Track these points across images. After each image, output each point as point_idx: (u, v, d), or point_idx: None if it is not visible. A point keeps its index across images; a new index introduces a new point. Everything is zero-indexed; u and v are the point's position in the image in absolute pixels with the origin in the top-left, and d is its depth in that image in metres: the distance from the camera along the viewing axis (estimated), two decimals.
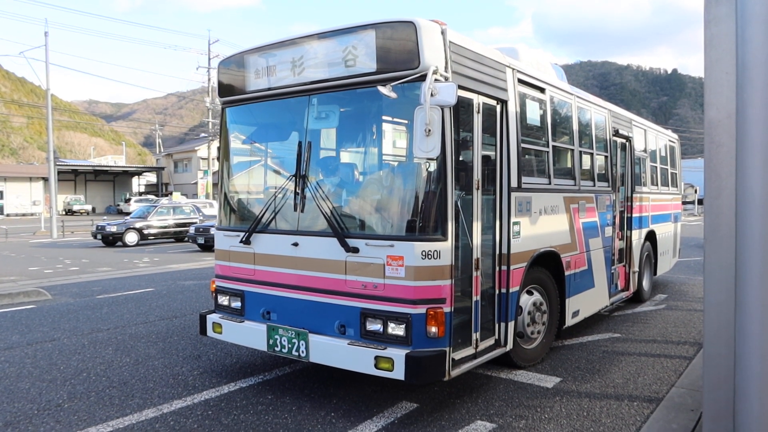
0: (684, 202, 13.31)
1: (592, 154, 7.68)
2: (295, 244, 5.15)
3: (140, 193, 69.09)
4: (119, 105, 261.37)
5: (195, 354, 6.67)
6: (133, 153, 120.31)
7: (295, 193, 5.20)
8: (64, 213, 54.25)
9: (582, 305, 7.18)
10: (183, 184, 64.28)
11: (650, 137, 10.31)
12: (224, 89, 5.97)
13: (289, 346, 5.05)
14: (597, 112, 7.93)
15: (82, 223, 37.09)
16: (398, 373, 4.39)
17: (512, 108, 5.57)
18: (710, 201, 3.09)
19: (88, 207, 59.82)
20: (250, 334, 5.41)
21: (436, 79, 4.33)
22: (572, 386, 5.57)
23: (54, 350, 6.95)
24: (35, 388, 5.57)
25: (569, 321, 6.82)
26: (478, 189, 5.11)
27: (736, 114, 2.89)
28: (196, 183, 51.22)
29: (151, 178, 75.72)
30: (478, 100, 5.13)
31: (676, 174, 12.25)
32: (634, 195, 9.07)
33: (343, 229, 4.88)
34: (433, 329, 4.47)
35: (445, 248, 4.56)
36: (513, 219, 5.52)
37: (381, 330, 4.62)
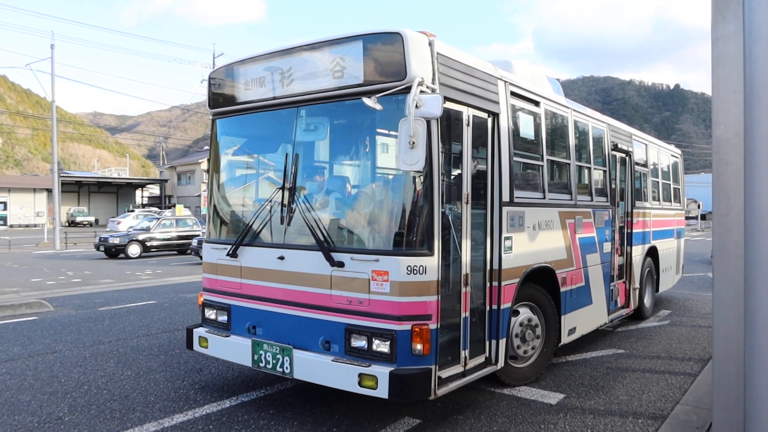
0: (687, 218, 13.19)
1: (589, 169, 7.57)
2: (281, 258, 5.08)
3: (143, 205, 69.17)
4: (123, 117, 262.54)
5: (197, 367, 6.64)
6: (136, 165, 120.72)
7: (282, 206, 5.13)
8: (67, 224, 54.29)
9: (579, 322, 7.04)
10: (186, 197, 64.34)
11: (652, 152, 10.21)
12: (214, 100, 5.93)
13: (274, 362, 4.96)
14: (595, 126, 7.83)
15: (84, 235, 37.12)
16: (382, 391, 4.30)
17: (504, 121, 5.49)
18: (718, 219, 3.06)
19: (91, 218, 59.89)
20: (236, 349, 5.31)
21: (422, 91, 4.26)
22: (576, 402, 5.52)
23: (55, 362, 6.93)
24: (36, 401, 5.54)
25: (565, 339, 6.68)
26: (467, 203, 5.03)
27: (744, 132, 2.87)
28: (199, 195, 51.24)
29: (155, 190, 75.88)
30: (468, 112, 5.05)
31: (679, 189, 12.11)
32: (634, 210, 8.95)
33: (328, 242, 4.80)
34: (418, 346, 4.37)
35: (431, 263, 4.47)
36: (505, 234, 5.42)
37: (366, 347, 4.53)
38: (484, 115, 5.30)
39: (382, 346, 4.46)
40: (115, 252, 23.12)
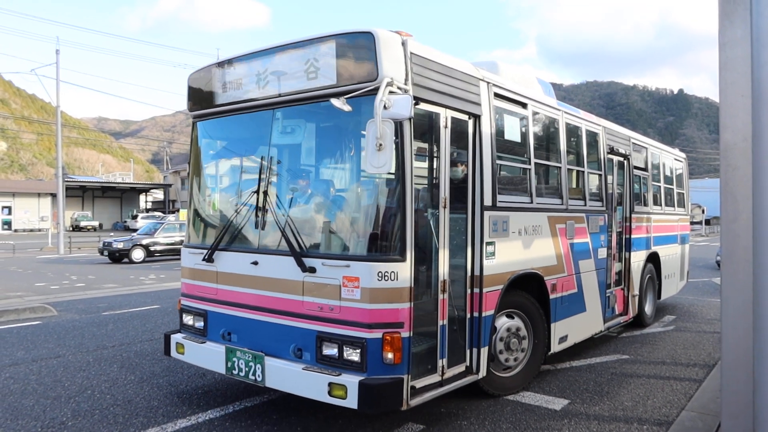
0: (691, 223, 12.94)
1: (583, 172, 7.35)
2: (255, 263, 4.99)
3: (147, 210, 69.31)
4: (128, 122, 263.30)
5: (200, 372, 6.62)
6: (140, 170, 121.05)
7: (256, 210, 5.06)
8: (71, 229, 54.37)
9: (571, 330, 6.85)
10: None
11: (653, 156, 9.97)
12: (193, 102, 5.87)
13: (246, 369, 4.86)
14: (589, 129, 7.60)
15: (89, 239, 37.19)
16: (351, 401, 4.19)
17: (487, 123, 5.35)
18: (727, 225, 3.03)
19: (95, 223, 60.01)
20: (210, 356, 5.22)
21: (391, 92, 4.16)
22: (581, 408, 5.49)
23: (59, 367, 6.92)
24: (39, 406, 5.54)
25: (556, 347, 6.50)
26: (445, 207, 4.88)
27: (752, 137, 2.85)
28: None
29: (159, 195, 76.03)
30: (446, 114, 4.91)
31: (683, 194, 11.85)
32: (633, 215, 8.73)
33: (302, 247, 4.72)
34: (389, 355, 4.25)
35: (403, 269, 4.35)
36: (487, 239, 5.26)
37: (337, 355, 4.42)
38: (465, 116, 5.17)
39: (353, 355, 4.35)
40: (118, 256, 23.15)
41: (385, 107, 4.04)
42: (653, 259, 9.77)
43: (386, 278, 4.30)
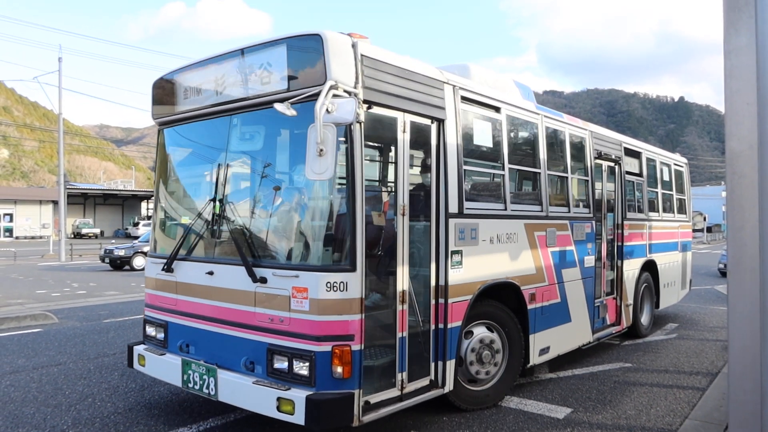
0: (693, 230, 12.65)
1: (566, 178, 7.09)
2: (210, 273, 4.87)
3: (148, 217, 69.34)
4: (129, 129, 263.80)
5: None
6: (142, 177, 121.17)
7: (212, 219, 4.97)
8: (72, 236, 54.43)
9: (554, 341, 6.63)
10: None
11: (649, 160, 9.69)
12: (157, 109, 5.78)
13: (200, 382, 4.74)
14: (573, 134, 7.36)
15: (90, 247, 37.22)
16: (298, 417, 4.04)
17: (452, 127, 5.19)
18: (733, 233, 3.02)
19: (97, 230, 60.06)
20: (169, 369, 5.08)
21: (336, 95, 4.03)
22: (583, 417, 5.46)
23: (60, 375, 6.91)
24: (40, 414, 5.52)
25: (536, 359, 6.27)
26: (404, 215, 4.70)
27: (758, 144, 2.84)
28: None
29: None
30: (404, 118, 4.76)
31: (684, 200, 11.53)
32: (625, 222, 8.49)
33: (256, 256, 4.60)
34: (339, 369, 4.11)
35: (353, 280, 4.19)
36: (452, 248, 5.07)
37: (287, 368, 4.27)
38: (427, 121, 5.03)
39: (302, 369, 4.20)
40: (120, 264, 23.14)
41: (328, 111, 3.91)
42: (650, 267, 9.51)
43: (335, 289, 4.16)
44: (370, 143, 4.81)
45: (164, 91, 5.69)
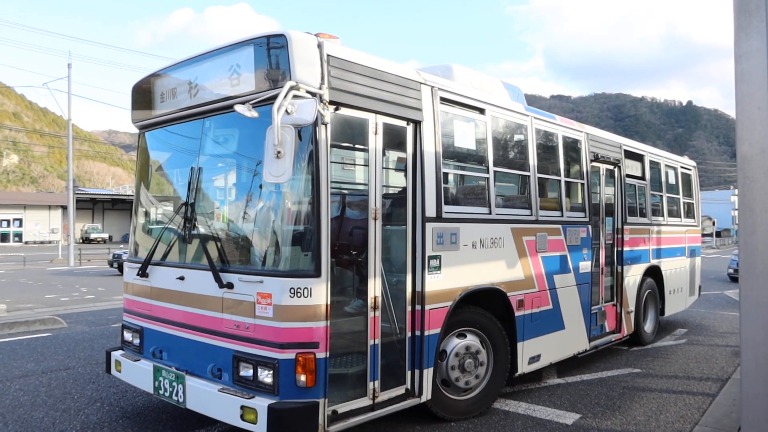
0: (702, 235, 12.29)
1: (559, 181, 6.89)
2: (181, 278, 4.82)
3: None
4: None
5: None
6: None
7: (184, 223, 4.92)
8: (81, 241, 54.67)
9: (545, 349, 6.43)
10: None
11: (652, 163, 9.38)
12: (135, 113, 5.73)
13: (170, 389, 4.67)
14: (567, 135, 7.13)
15: (98, 252, 37.37)
16: (261, 426, 3.94)
17: (430, 129, 5.05)
18: (745, 238, 3.00)
19: (105, 235, 60.31)
20: (142, 375, 5.02)
21: (297, 96, 3.95)
22: (592, 423, 5.43)
23: (68, 379, 6.93)
24: (49, 418, 5.54)
25: (525, 367, 6.08)
26: (376, 219, 4.58)
27: None
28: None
29: None
30: (376, 119, 4.64)
31: (692, 204, 11.09)
32: (626, 227, 8.23)
33: (224, 261, 4.55)
34: (302, 377, 4.01)
35: (317, 285, 4.09)
36: (430, 252, 4.91)
37: (251, 376, 4.19)
38: (402, 123, 4.89)
39: (266, 377, 4.11)
40: None
41: (287, 112, 3.85)
42: (653, 273, 9.22)
43: (299, 295, 4.07)
44: (342, 145, 4.77)
45: (142, 95, 5.64)
